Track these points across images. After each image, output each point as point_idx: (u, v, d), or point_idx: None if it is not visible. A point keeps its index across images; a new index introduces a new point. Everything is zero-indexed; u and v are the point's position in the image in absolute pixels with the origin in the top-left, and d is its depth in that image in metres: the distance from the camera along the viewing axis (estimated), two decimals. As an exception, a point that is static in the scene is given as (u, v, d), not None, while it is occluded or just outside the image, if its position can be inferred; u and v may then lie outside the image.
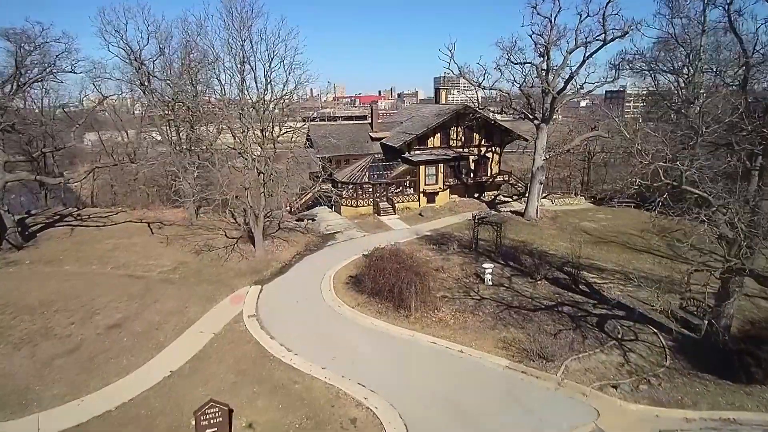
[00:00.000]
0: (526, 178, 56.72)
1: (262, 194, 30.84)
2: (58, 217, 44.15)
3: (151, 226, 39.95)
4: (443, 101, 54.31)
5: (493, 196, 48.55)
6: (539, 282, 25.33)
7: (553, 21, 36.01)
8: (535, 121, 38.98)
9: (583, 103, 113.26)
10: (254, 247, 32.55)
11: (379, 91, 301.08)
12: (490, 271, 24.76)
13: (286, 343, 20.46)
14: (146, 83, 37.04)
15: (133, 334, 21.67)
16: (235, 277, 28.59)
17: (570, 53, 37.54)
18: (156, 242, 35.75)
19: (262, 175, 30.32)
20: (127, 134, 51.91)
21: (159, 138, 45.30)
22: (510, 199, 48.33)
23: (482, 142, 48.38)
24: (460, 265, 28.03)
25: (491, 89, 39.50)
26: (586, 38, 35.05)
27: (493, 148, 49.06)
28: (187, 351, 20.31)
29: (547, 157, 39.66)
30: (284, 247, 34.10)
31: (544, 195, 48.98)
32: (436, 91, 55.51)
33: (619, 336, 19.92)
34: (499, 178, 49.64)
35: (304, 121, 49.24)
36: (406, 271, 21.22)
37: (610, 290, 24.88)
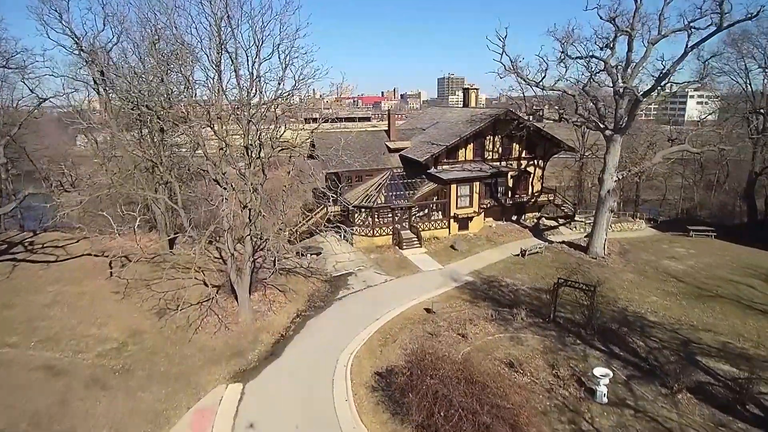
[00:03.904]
0: (566, 195, 47.06)
1: (249, 237, 20.90)
2: (5, 246, 34.33)
3: (113, 263, 30.12)
4: (472, 104, 44.29)
5: (535, 220, 38.64)
6: (679, 395, 15.44)
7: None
8: (606, 132, 29.03)
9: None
10: (238, 303, 22.73)
11: (382, 92, 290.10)
12: (605, 382, 14.86)
13: None
14: (99, 80, 27.10)
15: None
16: (206, 364, 18.76)
17: (653, 44, 27.65)
18: (110, 291, 25.93)
19: (247, 210, 20.39)
20: (97, 142, 41.82)
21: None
22: (555, 223, 38.43)
23: (523, 155, 38.45)
24: (543, 353, 18.09)
25: (552, 89, 29.54)
26: (689, 23, 25.09)
27: (536, 162, 39.12)
28: None
29: (620, 177, 29.74)
30: (279, 303, 24.25)
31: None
32: (465, 91, 45.52)
33: None
34: (543, 197, 39.71)
35: (306, 121, 39.18)
36: (494, 418, 11.29)
37: (797, 412, 15.02)
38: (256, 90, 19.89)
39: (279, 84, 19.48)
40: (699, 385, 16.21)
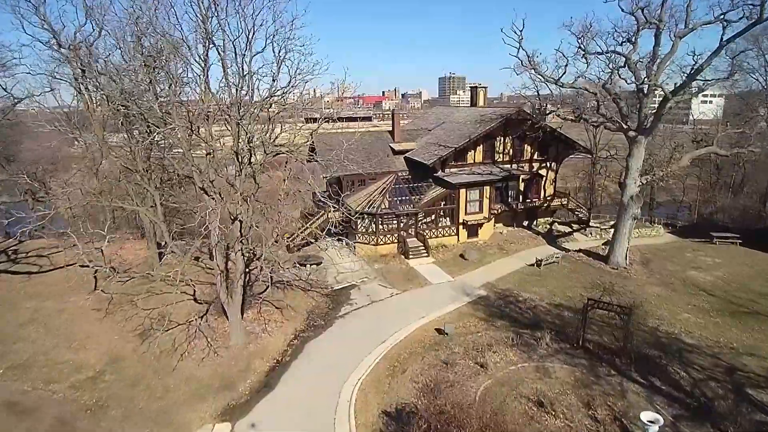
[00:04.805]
0: (577, 198, 44.70)
1: (240, 252, 18.58)
2: (-13, 254, 32.23)
3: (98, 275, 27.83)
4: (480, 103, 41.86)
5: (548, 226, 36.29)
6: (739, 442, 13.14)
7: (669, -13, 23.70)
8: (630, 133, 26.66)
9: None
10: (229, 321, 20.39)
11: (383, 92, 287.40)
12: (655, 429, 12.50)
13: None
14: (81, 78, 24.81)
15: None
16: (191, 399, 16.46)
17: (681, 38, 25.30)
18: (92, 308, 23.67)
19: (238, 223, 18.06)
20: (86, 145, 39.43)
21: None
22: (569, 229, 36.04)
23: (534, 156, 36.09)
24: (575, 388, 15.73)
25: (572, 87, 27.20)
26: (723, 14, 22.75)
27: (548, 164, 36.77)
28: None
29: (643, 182, 27.37)
30: (275, 323, 21.95)
31: (611, 223, 36.89)
32: (473, 90, 43.01)
33: None
34: (556, 202, 37.36)
35: (307, 121, 36.59)
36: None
37: None
38: (248, 87, 17.56)
39: (273, 81, 17.13)
40: (758, 428, 13.87)
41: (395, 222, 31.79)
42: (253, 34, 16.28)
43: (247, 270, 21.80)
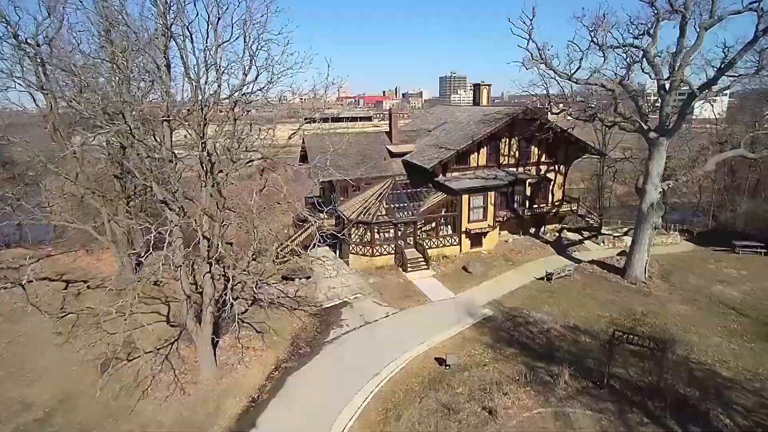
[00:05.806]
0: (585, 202, 42.01)
1: (209, 276, 15.94)
2: (-42, 265, 29.69)
3: (66, 293, 25.37)
4: (484, 102, 39.10)
5: (556, 233, 33.57)
6: None
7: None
8: (650, 134, 23.92)
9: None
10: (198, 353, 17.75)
11: (384, 91, 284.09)
12: None
13: None
14: (41, 76, 22.27)
15: None
16: (147, 451, 13.85)
17: (707, 29, 22.58)
18: (53, 332, 21.14)
19: (206, 241, 15.42)
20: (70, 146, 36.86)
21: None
22: (579, 237, 33.33)
23: (542, 159, 33.36)
24: (603, 443, 13.06)
25: (587, 83, 24.45)
26: (758, 1, 19.98)
27: (557, 167, 34.03)
28: None
29: (665, 188, 24.64)
30: (254, 351, 19.31)
31: (624, 230, 34.23)
32: (476, 88, 40.15)
33: None
34: (565, 207, 34.61)
35: (307, 121, 33.73)
36: None
37: None
38: (216, 84, 14.91)
39: (244, 75, 14.47)
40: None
41: (392, 231, 29.13)
42: (218, 20, 13.62)
43: (227, 286, 19.27)
